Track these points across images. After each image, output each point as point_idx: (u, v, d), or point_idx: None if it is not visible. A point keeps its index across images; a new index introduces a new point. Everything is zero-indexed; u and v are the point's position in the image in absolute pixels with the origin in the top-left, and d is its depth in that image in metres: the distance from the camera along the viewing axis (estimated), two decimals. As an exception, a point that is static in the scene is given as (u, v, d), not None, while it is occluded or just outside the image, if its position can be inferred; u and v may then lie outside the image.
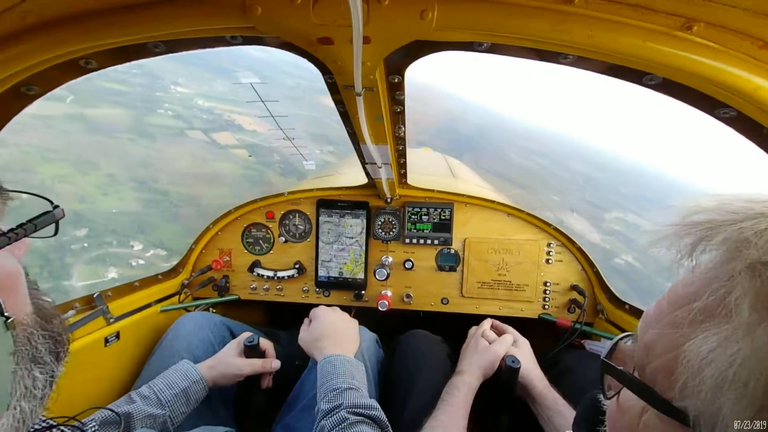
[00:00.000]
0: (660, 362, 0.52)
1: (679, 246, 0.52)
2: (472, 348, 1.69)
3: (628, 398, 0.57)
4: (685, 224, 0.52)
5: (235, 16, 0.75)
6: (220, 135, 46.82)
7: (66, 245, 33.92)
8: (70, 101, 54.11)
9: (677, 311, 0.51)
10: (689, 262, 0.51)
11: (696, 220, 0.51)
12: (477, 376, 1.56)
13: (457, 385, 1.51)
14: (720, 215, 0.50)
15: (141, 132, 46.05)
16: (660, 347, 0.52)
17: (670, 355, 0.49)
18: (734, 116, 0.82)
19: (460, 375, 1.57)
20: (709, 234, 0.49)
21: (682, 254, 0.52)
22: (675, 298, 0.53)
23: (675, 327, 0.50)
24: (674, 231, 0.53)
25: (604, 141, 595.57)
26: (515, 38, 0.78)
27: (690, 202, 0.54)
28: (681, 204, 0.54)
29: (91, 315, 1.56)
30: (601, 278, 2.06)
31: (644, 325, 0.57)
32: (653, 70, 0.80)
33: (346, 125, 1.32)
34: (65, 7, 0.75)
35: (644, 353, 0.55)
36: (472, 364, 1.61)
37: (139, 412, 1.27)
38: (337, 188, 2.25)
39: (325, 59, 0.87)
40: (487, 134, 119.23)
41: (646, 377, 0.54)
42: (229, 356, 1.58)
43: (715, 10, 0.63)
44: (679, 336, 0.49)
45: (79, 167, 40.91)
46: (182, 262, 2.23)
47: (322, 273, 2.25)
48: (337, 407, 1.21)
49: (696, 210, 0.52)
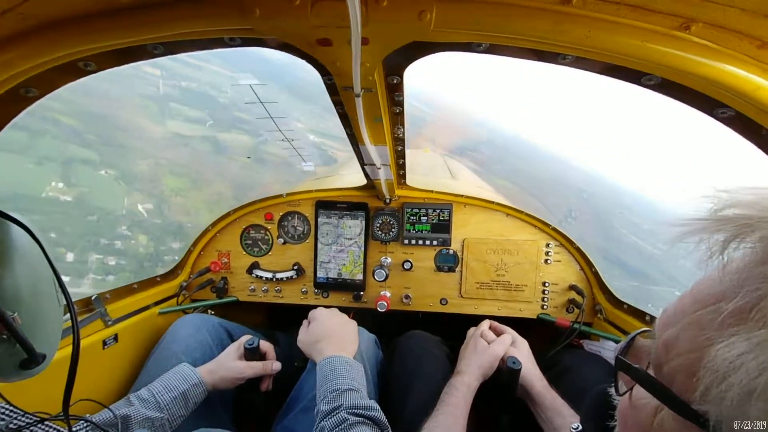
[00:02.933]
0: (680, 362, 0.49)
1: (710, 242, 0.48)
2: (471, 348, 1.69)
3: (642, 396, 0.55)
4: (718, 219, 0.48)
5: (234, 18, 0.75)
6: (321, 169, 50.01)
7: (161, 255, 34.87)
8: (209, 125, 56.78)
9: (701, 310, 0.48)
10: (719, 260, 0.47)
11: (730, 215, 0.48)
12: (476, 377, 1.56)
13: (456, 385, 1.51)
14: (758, 211, 0.46)
15: (258, 158, 49.39)
16: (680, 347, 0.49)
17: (692, 356, 0.47)
18: (733, 116, 0.83)
19: (459, 375, 1.56)
20: (744, 231, 0.46)
21: (713, 251, 0.48)
22: (700, 297, 0.49)
23: (699, 327, 0.47)
24: (705, 226, 0.49)
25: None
26: (514, 39, 0.78)
27: (724, 194, 0.50)
28: (713, 196, 0.50)
29: (89, 318, 1.55)
30: (599, 278, 2.07)
31: (664, 322, 0.54)
32: (652, 70, 0.80)
33: (345, 126, 1.32)
34: (64, 9, 0.75)
35: (663, 351, 0.52)
36: (471, 365, 1.60)
37: (137, 415, 1.26)
38: (335, 189, 2.25)
39: (323, 60, 0.87)
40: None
41: (663, 376, 0.52)
42: (229, 359, 1.57)
43: (714, 10, 0.63)
44: (703, 337, 0.46)
45: (196, 183, 44.23)
46: (180, 264, 2.22)
47: (321, 274, 2.25)
48: (336, 408, 1.21)
49: (730, 203, 0.49)
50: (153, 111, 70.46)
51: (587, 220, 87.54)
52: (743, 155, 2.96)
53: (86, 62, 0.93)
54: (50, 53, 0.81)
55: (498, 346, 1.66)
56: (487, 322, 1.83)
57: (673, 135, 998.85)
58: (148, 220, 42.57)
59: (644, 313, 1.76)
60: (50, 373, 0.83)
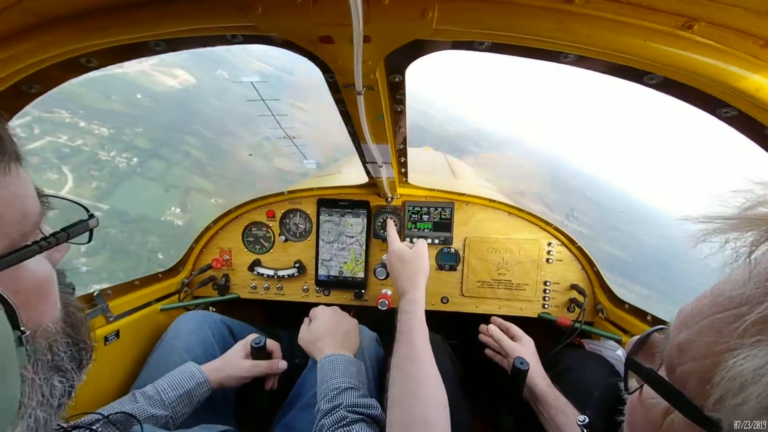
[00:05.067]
0: (693, 366, 0.47)
1: (737, 244, 0.45)
2: (396, 262, 1.61)
3: (652, 395, 0.53)
4: (748, 218, 0.45)
5: (236, 15, 0.75)
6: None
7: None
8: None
9: (720, 314, 0.45)
10: (746, 263, 0.44)
11: (761, 214, 0.44)
12: (420, 286, 1.47)
13: (403, 308, 1.42)
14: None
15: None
16: (696, 350, 0.47)
17: (708, 361, 0.45)
18: (735, 116, 0.82)
19: (402, 297, 1.48)
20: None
21: (740, 253, 0.45)
22: (720, 300, 0.46)
23: (716, 331, 0.45)
24: (733, 225, 0.46)
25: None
26: (516, 37, 0.78)
27: (759, 188, 0.46)
28: (745, 190, 0.46)
29: (90, 313, 1.56)
30: (601, 278, 2.06)
31: (680, 322, 0.51)
32: (654, 69, 0.80)
33: (347, 124, 1.32)
34: (66, 5, 0.75)
35: (677, 353, 0.50)
36: (406, 279, 1.52)
37: (142, 412, 1.27)
38: (337, 187, 2.25)
39: (325, 58, 0.87)
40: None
41: (676, 378, 0.50)
42: (236, 358, 1.58)
43: (716, 9, 0.63)
44: (721, 343, 0.43)
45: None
46: (182, 261, 2.23)
47: (323, 272, 2.25)
48: (336, 406, 1.21)
49: (764, 200, 0.45)
50: (265, 149, 74.61)
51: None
52: (741, 155, 2.89)
53: (88, 58, 0.93)
54: (52, 49, 0.81)
55: (420, 244, 1.64)
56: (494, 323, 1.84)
57: (672, 135, 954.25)
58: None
59: (645, 313, 1.75)
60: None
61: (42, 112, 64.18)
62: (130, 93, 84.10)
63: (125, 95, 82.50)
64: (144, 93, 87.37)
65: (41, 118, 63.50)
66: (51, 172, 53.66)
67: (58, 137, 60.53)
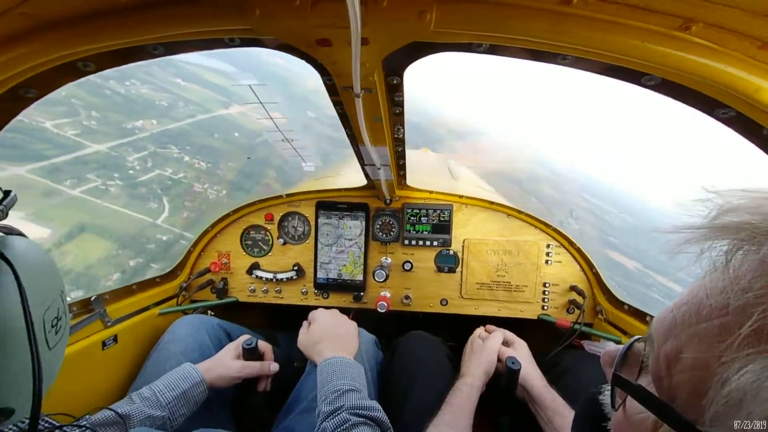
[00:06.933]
0: (683, 378, 0.46)
1: (712, 254, 0.45)
2: (468, 350, 1.73)
3: (639, 410, 0.52)
4: (717, 227, 0.45)
5: (234, 18, 0.75)
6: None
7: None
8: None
9: (706, 323, 0.44)
10: (724, 271, 0.44)
11: (729, 223, 0.44)
12: (478, 376, 1.57)
13: (459, 387, 1.52)
14: (758, 218, 0.43)
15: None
16: (684, 362, 0.46)
17: (697, 374, 0.44)
18: (733, 117, 0.82)
19: (462, 378, 1.58)
20: (749, 240, 0.42)
21: (717, 265, 0.44)
22: (703, 309, 0.45)
23: (706, 343, 0.43)
24: (704, 234, 0.45)
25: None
26: (514, 39, 0.78)
27: (716, 197, 0.46)
28: (705, 199, 0.47)
29: (88, 318, 1.55)
30: (600, 279, 2.06)
31: (663, 331, 0.50)
32: (652, 70, 0.80)
33: (345, 127, 1.32)
34: (64, 9, 0.75)
35: (663, 365, 0.48)
36: (472, 365, 1.62)
37: (139, 413, 1.27)
38: (336, 190, 2.25)
39: (323, 61, 0.86)
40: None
41: (664, 391, 0.48)
42: (227, 358, 1.57)
43: (714, 10, 0.63)
44: (711, 356, 0.42)
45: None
46: (180, 265, 2.22)
47: (321, 275, 2.25)
48: (338, 409, 1.21)
49: (727, 208, 0.45)
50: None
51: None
52: (735, 155, 2.89)
53: (85, 62, 0.93)
54: (50, 53, 0.80)
55: (491, 340, 1.70)
56: (480, 328, 1.87)
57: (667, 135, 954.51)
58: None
59: (645, 314, 1.75)
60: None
61: (157, 147, 69.28)
62: (230, 131, 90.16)
63: (226, 133, 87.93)
64: (241, 131, 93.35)
65: (156, 152, 68.50)
66: (152, 202, 56.83)
67: (164, 170, 65.13)
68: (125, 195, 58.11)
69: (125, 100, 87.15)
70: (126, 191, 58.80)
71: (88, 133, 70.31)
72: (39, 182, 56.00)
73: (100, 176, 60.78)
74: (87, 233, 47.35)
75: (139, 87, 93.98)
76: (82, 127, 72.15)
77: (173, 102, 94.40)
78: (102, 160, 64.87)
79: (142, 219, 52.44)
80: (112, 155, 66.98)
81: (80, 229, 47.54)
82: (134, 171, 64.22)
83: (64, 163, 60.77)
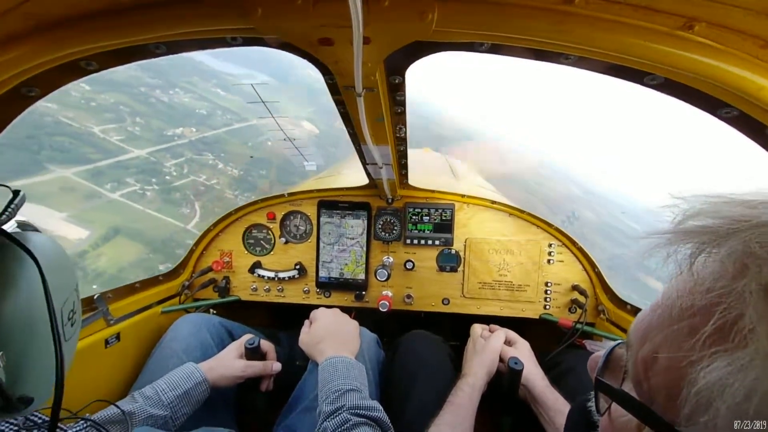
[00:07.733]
0: (659, 381, 0.47)
1: (677, 257, 0.47)
2: (471, 350, 1.72)
3: (623, 414, 0.53)
4: (680, 231, 0.47)
5: (236, 17, 0.75)
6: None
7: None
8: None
9: (675, 325, 0.46)
10: (689, 274, 0.46)
11: (691, 227, 0.47)
12: (480, 376, 1.57)
13: (461, 386, 1.52)
14: (718, 221, 0.45)
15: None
16: (659, 365, 0.47)
17: (671, 375, 0.45)
18: (737, 116, 0.82)
19: (464, 377, 1.57)
20: (710, 243, 0.44)
21: (681, 267, 0.47)
22: (673, 311, 0.47)
23: (676, 345, 0.45)
24: (670, 239, 0.48)
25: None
26: (516, 39, 0.77)
27: (682, 203, 0.48)
28: (672, 205, 0.49)
29: (91, 316, 1.56)
30: (602, 278, 2.06)
31: (639, 335, 0.52)
32: (654, 70, 0.79)
33: (347, 126, 1.32)
34: (66, 8, 0.75)
35: (641, 368, 0.50)
36: (473, 365, 1.61)
37: (141, 412, 1.27)
38: (338, 189, 2.25)
39: (325, 60, 0.86)
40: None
41: (643, 394, 0.50)
42: (229, 358, 1.58)
43: (717, 9, 0.63)
44: (681, 356, 0.44)
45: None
46: (183, 263, 2.23)
47: (323, 274, 2.25)
48: (339, 408, 1.21)
49: (691, 213, 0.47)
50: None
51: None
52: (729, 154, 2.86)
53: (88, 62, 0.93)
54: (52, 53, 0.81)
55: (493, 340, 1.69)
56: (480, 325, 1.87)
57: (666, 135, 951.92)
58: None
59: None
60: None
61: (194, 154, 70.55)
62: (262, 140, 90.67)
63: (256, 140, 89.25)
64: (273, 139, 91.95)
65: (192, 159, 69.76)
66: (185, 207, 58.26)
67: (199, 176, 66.34)
68: (160, 200, 58.65)
69: (168, 108, 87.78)
70: (161, 196, 59.35)
71: (131, 139, 71.40)
72: (83, 185, 56.66)
73: (138, 181, 61.52)
74: (121, 236, 47.87)
75: (181, 96, 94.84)
76: (127, 133, 73.14)
77: (212, 111, 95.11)
78: (141, 165, 65.79)
79: (173, 224, 52.87)
80: (151, 160, 67.93)
81: (115, 231, 48.02)
82: (170, 176, 64.81)
83: (107, 167, 61.62)
